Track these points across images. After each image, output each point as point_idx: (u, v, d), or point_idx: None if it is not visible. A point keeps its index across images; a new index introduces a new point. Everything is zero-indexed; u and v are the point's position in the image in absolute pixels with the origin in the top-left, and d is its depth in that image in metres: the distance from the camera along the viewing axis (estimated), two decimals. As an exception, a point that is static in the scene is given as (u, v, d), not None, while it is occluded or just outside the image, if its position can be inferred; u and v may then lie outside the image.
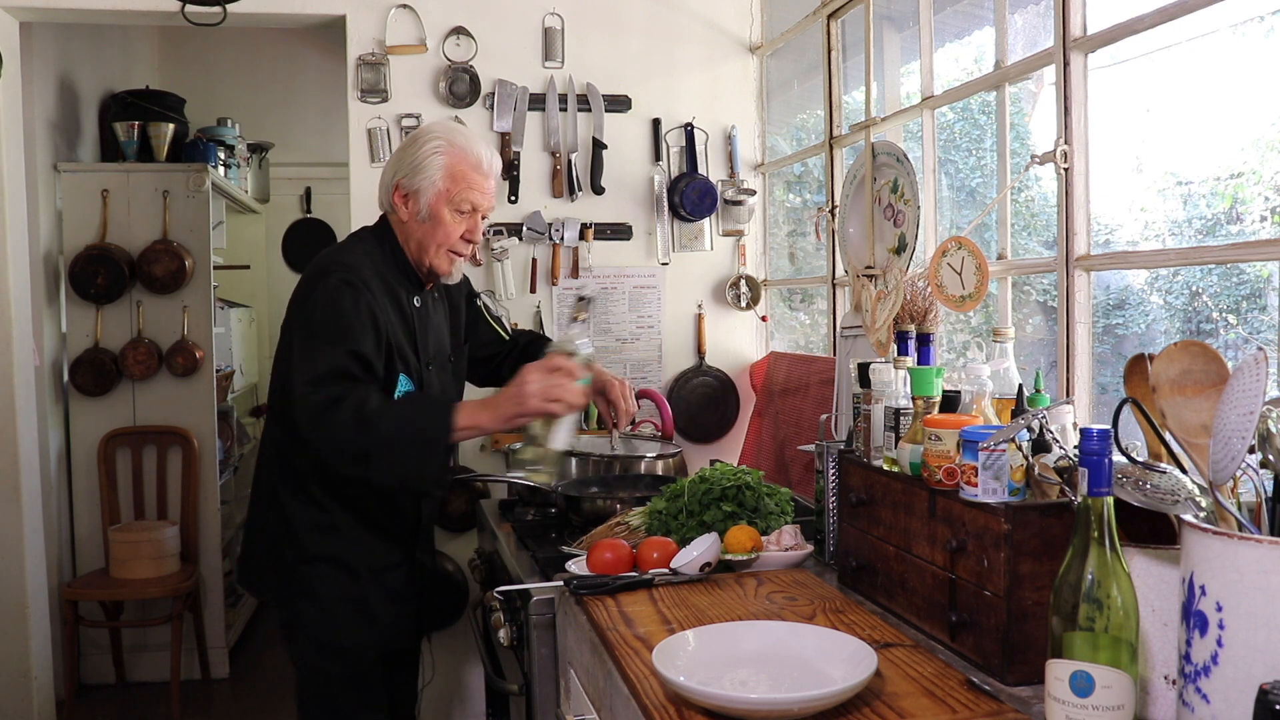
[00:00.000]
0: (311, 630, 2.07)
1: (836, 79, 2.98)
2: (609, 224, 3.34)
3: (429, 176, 2.03)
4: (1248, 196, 2.45)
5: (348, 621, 2.07)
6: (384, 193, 2.11)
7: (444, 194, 2.04)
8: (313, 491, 2.05)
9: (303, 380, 1.90)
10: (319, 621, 2.06)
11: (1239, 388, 1.04)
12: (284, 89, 5.70)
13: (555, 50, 3.29)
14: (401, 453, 1.87)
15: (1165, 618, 1.15)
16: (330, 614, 2.06)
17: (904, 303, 2.22)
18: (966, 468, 1.38)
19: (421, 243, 2.07)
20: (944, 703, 1.25)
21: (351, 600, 2.07)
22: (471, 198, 2.06)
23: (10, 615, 3.34)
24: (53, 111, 3.98)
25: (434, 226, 2.05)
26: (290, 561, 2.06)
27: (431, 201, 2.04)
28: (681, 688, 1.24)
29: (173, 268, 4.08)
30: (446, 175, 2.04)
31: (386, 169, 2.12)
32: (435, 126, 2.11)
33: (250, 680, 4.33)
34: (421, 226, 2.06)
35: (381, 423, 1.85)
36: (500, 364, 2.42)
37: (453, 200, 2.04)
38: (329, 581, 2.06)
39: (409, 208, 2.06)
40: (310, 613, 2.06)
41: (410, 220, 2.07)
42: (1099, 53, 1.93)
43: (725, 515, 2.00)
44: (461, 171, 2.04)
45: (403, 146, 2.10)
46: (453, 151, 2.05)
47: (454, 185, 2.04)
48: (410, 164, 2.05)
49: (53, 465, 3.95)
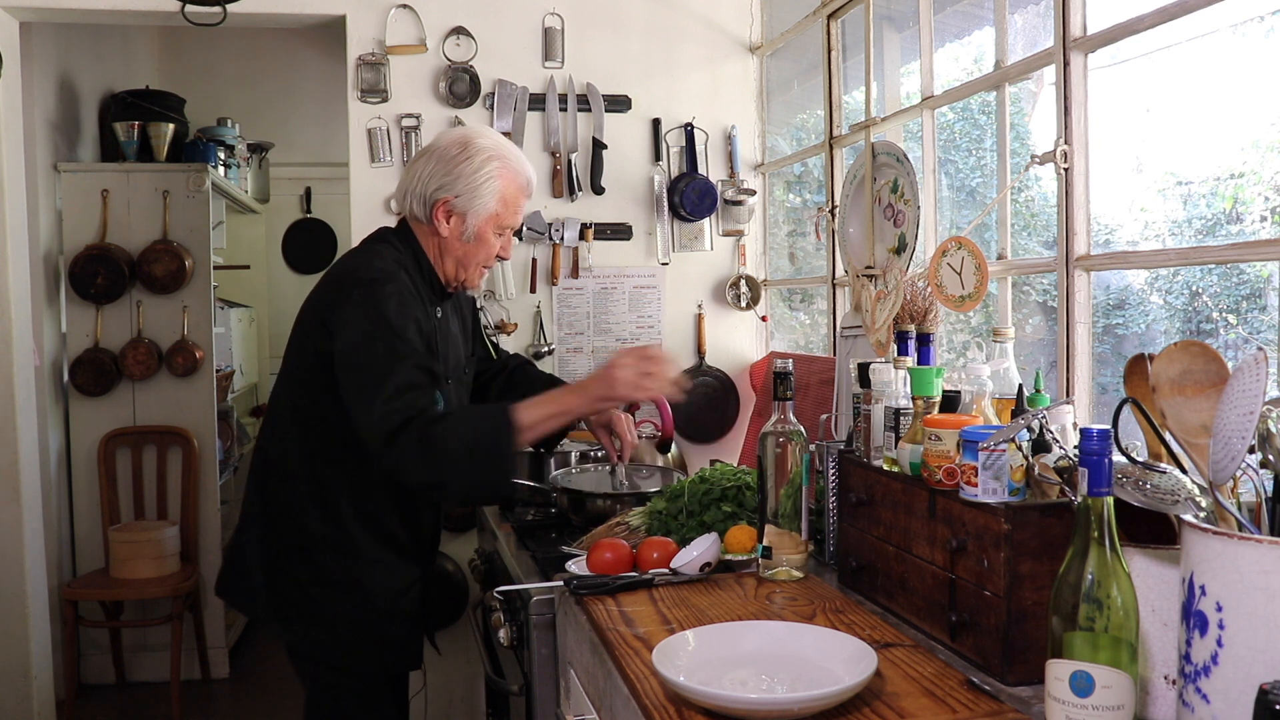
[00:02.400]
0: (323, 656, 2.00)
1: (836, 79, 2.98)
2: (609, 224, 3.34)
3: (483, 200, 1.96)
4: (1248, 196, 2.45)
5: (361, 647, 1.99)
6: (417, 203, 1.99)
7: (494, 218, 1.99)
8: (339, 509, 1.95)
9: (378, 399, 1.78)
10: (330, 646, 1.98)
11: (1239, 388, 1.04)
12: (284, 89, 5.71)
13: (555, 50, 3.29)
14: (481, 469, 1.81)
15: (1165, 618, 1.15)
16: (343, 640, 1.98)
17: (904, 303, 2.22)
18: (966, 468, 1.38)
19: (461, 261, 2.01)
20: (944, 703, 1.25)
21: (366, 626, 1.98)
22: (515, 221, 2.03)
23: (10, 615, 3.34)
24: (53, 111, 3.98)
25: (478, 247, 2.00)
26: (303, 582, 1.96)
27: (480, 224, 1.98)
28: (681, 688, 1.24)
29: (173, 268, 4.08)
30: (500, 200, 1.97)
31: (422, 177, 1.98)
32: (484, 140, 1.99)
33: (250, 680, 4.33)
34: (464, 246, 1.99)
35: (449, 447, 1.78)
36: (488, 383, 2.35)
37: (500, 224, 2.00)
38: (343, 607, 1.97)
39: (452, 225, 1.98)
40: (322, 637, 1.97)
41: (452, 238, 1.98)
42: (1099, 53, 1.93)
43: (725, 515, 2.00)
44: (512, 195, 1.99)
45: (449, 157, 1.96)
46: (507, 174, 1.98)
47: (505, 209, 1.99)
48: (464, 184, 1.95)
49: (53, 465, 3.95)
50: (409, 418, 1.78)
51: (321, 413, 1.94)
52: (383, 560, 2.00)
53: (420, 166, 2.00)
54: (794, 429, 1.80)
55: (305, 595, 1.97)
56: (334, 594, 1.97)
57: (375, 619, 1.99)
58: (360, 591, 1.98)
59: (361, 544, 1.97)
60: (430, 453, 1.77)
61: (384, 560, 2.00)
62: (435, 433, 1.78)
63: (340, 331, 1.87)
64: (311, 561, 1.97)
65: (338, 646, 1.99)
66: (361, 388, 1.82)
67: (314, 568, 1.97)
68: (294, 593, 1.98)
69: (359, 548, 1.97)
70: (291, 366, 2.02)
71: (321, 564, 1.97)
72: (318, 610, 1.97)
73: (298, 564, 1.97)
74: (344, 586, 1.97)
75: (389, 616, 2.01)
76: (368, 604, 1.98)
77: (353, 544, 1.97)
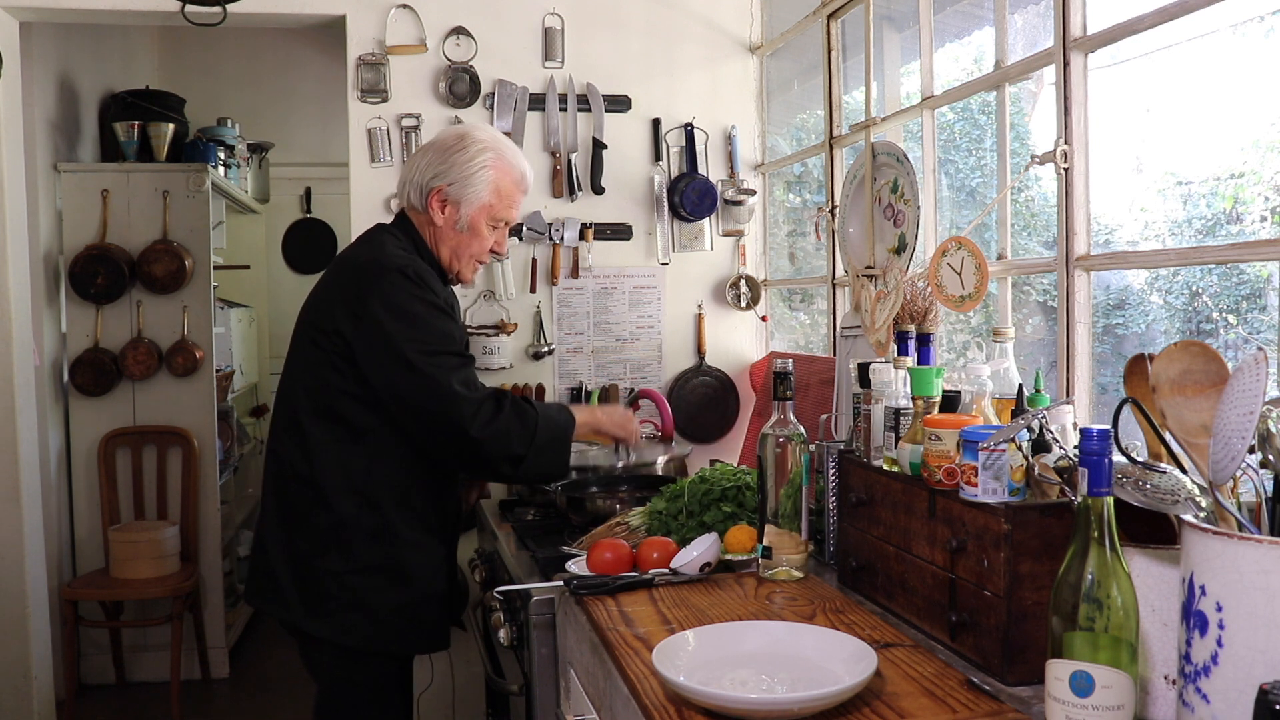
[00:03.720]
0: (364, 644, 1.99)
1: (836, 79, 2.98)
2: (609, 224, 3.34)
3: (475, 189, 2.01)
4: (1248, 196, 2.45)
5: (401, 630, 2.01)
6: (414, 192, 2.05)
7: (487, 208, 2.03)
8: (373, 494, 1.97)
9: (454, 381, 1.89)
10: (371, 634, 1.98)
11: (1239, 388, 1.04)
12: (284, 89, 5.71)
13: (555, 50, 3.29)
14: (552, 451, 1.99)
15: (1165, 618, 1.15)
16: (383, 625, 1.99)
17: (904, 303, 2.22)
18: (966, 468, 1.38)
19: (455, 250, 2.07)
20: (944, 703, 1.25)
21: (405, 608, 2.00)
22: (509, 215, 2.07)
23: (10, 615, 3.34)
24: (53, 111, 3.98)
25: (471, 237, 2.05)
26: (338, 572, 1.96)
27: (473, 214, 2.03)
28: (681, 688, 1.24)
29: (173, 268, 4.08)
30: (493, 190, 2.03)
31: (420, 167, 2.05)
32: (480, 133, 2.06)
33: (250, 680, 4.33)
34: (458, 235, 2.05)
35: (540, 424, 1.96)
36: None
37: (493, 215, 2.05)
38: (384, 592, 1.98)
39: (446, 214, 2.04)
40: (363, 627, 1.98)
41: (446, 227, 2.05)
42: (1099, 53, 1.93)
43: (725, 516, 2.00)
44: (506, 188, 2.04)
45: (446, 148, 2.04)
46: (501, 165, 2.03)
47: (498, 201, 2.04)
48: (457, 172, 2.01)
49: (53, 465, 3.95)
50: (499, 393, 1.95)
51: (344, 401, 1.96)
52: (417, 542, 2.02)
53: (419, 158, 2.07)
54: (794, 429, 1.80)
55: (342, 585, 1.97)
56: (373, 580, 1.98)
57: (413, 600, 2.01)
58: (399, 574, 1.99)
59: (398, 527, 1.99)
60: (526, 427, 1.94)
61: (418, 541, 2.02)
62: (530, 411, 1.96)
63: (380, 316, 1.90)
64: (347, 552, 1.97)
65: (379, 633, 1.99)
66: (424, 363, 1.89)
67: (349, 557, 1.97)
68: (329, 585, 1.97)
69: (396, 531, 1.99)
70: (303, 361, 2.02)
71: (357, 552, 1.97)
72: (356, 599, 1.97)
73: (331, 557, 1.97)
74: (383, 571, 1.98)
75: (425, 598, 2.04)
76: (407, 586, 2.00)
77: (390, 527, 1.98)
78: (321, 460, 1.97)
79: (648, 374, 3.40)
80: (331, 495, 1.96)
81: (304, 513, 1.99)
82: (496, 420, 1.90)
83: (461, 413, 1.88)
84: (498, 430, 1.90)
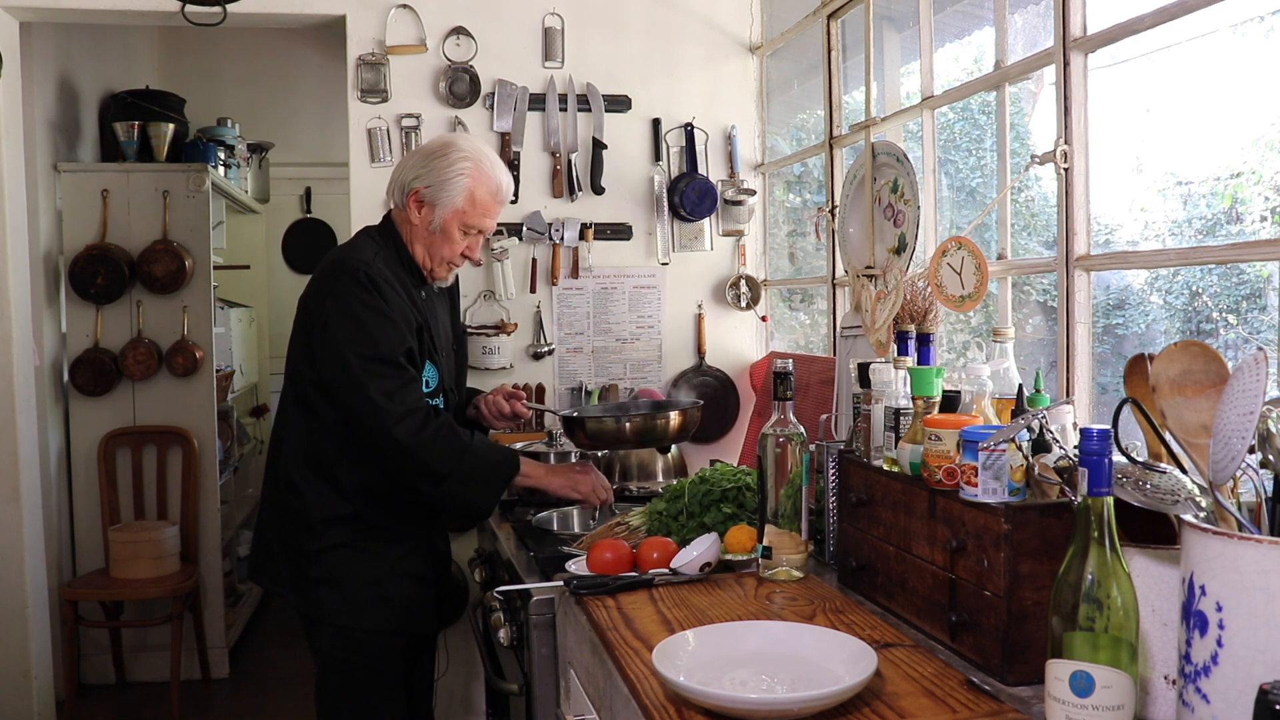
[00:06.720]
0: (334, 617, 2.09)
1: (836, 79, 2.98)
2: (609, 224, 3.34)
3: (450, 194, 2.10)
4: (1248, 196, 2.45)
5: (368, 605, 2.10)
6: (397, 191, 2.15)
7: (459, 213, 2.11)
8: (338, 479, 2.08)
9: (377, 390, 1.97)
10: (341, 608, 2.09)
11: (1239, 388, 1.04)
12: (284, 89, 5.71)
13: (555, 50, 3.29)
14: (478, 483, 2.05)
15: (1165, 618, 1.15)
16: (351, 599, 2.09)
17: (904, 303, 2.22)
18: (966, 468, 1.38)
19: (427, 250, 2.16)
20: (944, 703, 1.25)
21: (371, 583, 2.10)
22: (482, 223, 2.15)
23: (10, 615, 3.34)
24: (53, 111, 3.98)
25: (442, 240, 2.13)
26: (313, 550, 2.09)
27: (446, 217, 2.11)
28: (681, 688, 1.24)
29: (173, 268, 4.07)
30: (467, 197, 2.11)
31: (405, 168, 2.15)
32: (464, 143, 2.15)
33: (250, 680, 4.33)
34: (430, 236, 2.14)
35: (469, 453, 2.02)
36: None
37: (465, 222, 2.13)
38: (349, 566, 2.09)
39: (422, 215, 2.12)
40: (332, 600, 2.09)
41: (420, 226, 2.13)
42: (1099, 53, 1.93)
43: (725, 517, 2.00)
44: (481, 197, 2.13)
45: (429, 153, 2.13)
46: (478, 175, 2.11)
47: (471, 209, 2.12)
48: (435, 175, 2.10)
49: (53, 465, 3.95)
50: (429, 409, 2.02)
51: (312, 391, 2.08)
52: (382, 525, 2.12)
53: (406, 160, 2.18)
54: (794, 429, 1.80)
55: (316, 562, 2.09)
56: (340, 555, 2.09)
57: (382, 577, 2.11)
58: (362, 550, 2.10)
59: (361, 512, 2.10)
60: (455, 450, 2.01)
61: (383, 525, 2.13)
62: (460, 438, 2.03)
63: (332, 318, 2.02)
64: (314, 533, 2.09)
65: (346, 607, 2.09)
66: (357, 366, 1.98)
67: (320, 537, 2.09)
68: (305, 561, 2.10)
69: (359, 516, 2.10)
70: (292, 356, 2.15)
71: (322, 534, 2.09)
72: (326, 572, 2.09)
73: (303, 537, 2.10)
74: (348, 547, 2.10)
75: (394, 575, 2.12)
76: (373, 561, 2.11)
77: (353, 513, 2.10)
78: (303, 447, 2.11)
79: (648, 374, 3.40)
80: (310, 480, 2.09)
81: (289, 492, 2.12)
82: (423, 432, 1.98)
83: (380, 419, 1.97)
84: (422, 441, 1.98)
